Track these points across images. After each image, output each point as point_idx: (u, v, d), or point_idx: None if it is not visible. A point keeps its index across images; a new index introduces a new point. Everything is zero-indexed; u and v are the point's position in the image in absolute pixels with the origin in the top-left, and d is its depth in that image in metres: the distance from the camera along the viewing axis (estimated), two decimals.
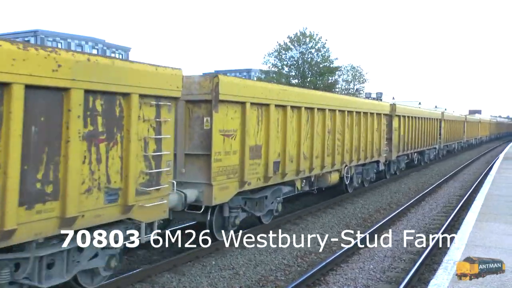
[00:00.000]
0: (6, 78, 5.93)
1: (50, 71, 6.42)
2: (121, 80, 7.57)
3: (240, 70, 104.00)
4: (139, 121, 8.04)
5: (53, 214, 6.63)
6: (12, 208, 5.98)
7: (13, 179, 5.97)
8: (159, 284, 9.09)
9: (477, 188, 20.64)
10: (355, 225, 15.08)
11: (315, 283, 9.62)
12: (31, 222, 6.33)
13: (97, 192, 7.34)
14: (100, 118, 7.35)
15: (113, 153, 7.61)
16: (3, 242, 6.05)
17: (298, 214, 15.34)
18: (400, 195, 20.95)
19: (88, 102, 7.10)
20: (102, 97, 7.36)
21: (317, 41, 55.43)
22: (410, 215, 16.74)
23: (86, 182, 7.14)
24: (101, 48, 78.30)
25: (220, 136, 10.81)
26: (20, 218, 6.13)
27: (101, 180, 7.41)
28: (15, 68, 6.00)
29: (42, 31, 71.99)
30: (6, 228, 5.94)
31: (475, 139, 63.76)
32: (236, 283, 9.46)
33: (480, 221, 12.00)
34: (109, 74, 7.35)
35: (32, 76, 6.19)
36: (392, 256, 11.69)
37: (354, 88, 67.48)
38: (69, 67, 6.64)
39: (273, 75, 55.11)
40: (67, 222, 6.80)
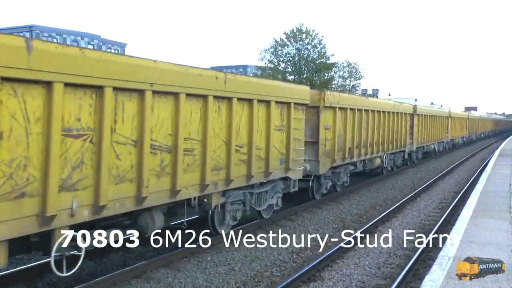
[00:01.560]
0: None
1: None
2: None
3: (236, 66, 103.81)
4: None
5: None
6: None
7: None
8: (155, 279, 9.09)
9: (473, 185, 20.69)
10: (351, 221, 15.11)
11: (311, 279, 9.63)
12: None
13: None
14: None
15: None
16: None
17: (294, 210, 15.35)
18: (395, 192, 20.99)
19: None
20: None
21: (314, 38, 55.34)
22: (405, 212, 16.78)
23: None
24: (96, 44, 77.99)
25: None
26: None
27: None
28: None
29: (38, 26, 71.65)
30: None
31: (475, 134, 66.69)
32: (231, 279, 9.47)
33: (475, 218, 12.04)
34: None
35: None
36: (387, 252, 11.71)
37: (351, 85, 67.53)
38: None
39: (269, 72, 55.00)
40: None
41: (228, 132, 10.78)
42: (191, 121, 9.61)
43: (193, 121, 9.68)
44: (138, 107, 8.23)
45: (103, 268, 9.75)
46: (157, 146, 8.66)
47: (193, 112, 9.67)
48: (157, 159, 8.71)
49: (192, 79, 9.44)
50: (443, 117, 40.92)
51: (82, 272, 9.33)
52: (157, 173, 8.73)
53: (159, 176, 8.79)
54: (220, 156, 10.63)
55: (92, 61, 7.32)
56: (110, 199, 7.73)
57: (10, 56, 6.20)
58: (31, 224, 6.68)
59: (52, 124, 6.74)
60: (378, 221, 14.57)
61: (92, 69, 7.24)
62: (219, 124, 10.52)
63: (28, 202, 6.57)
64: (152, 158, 8.55)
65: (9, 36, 6.32)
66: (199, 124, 9.84)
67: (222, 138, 10.66)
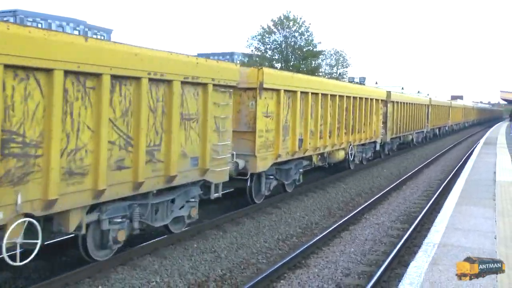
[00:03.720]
0: None
1: None
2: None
3: (223, 54, 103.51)
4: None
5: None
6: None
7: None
8: (141, 267, 9.05)
9: (458, 172, 20.86)
10: (337, 208, 15.17)
11: (296, 266, 9.67)
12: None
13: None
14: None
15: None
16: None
17: (280, 197, 15.37)
18: (381, 180, 21.10)
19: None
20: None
21: (301, 25, 55.35)
22: (391, 199, 16.89)
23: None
24: (82, 30, 77.20)
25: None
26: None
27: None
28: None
29: (22, 11, 70.76)
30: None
31: (457, 124, 64.95)
32: (217, 266, 9.47)
33: (460, 205, 12.14)
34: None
35: None
36: (373, 240, 11.78)
37: (338, 73, 67.64)
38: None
39: (256, 59, 54.89)
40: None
41: (96, 123, 7.78)
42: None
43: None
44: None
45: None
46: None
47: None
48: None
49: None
50: (423, 105, 38.25)
51: (67, 260, 9.28)
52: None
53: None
54: (84, 157, 7.65)
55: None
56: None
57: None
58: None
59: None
60: (364, 208, 14.64)
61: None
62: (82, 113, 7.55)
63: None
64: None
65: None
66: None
67: (89, 132, 7.72)
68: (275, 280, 8.89)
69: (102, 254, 8.76)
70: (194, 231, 11.19)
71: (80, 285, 8.10)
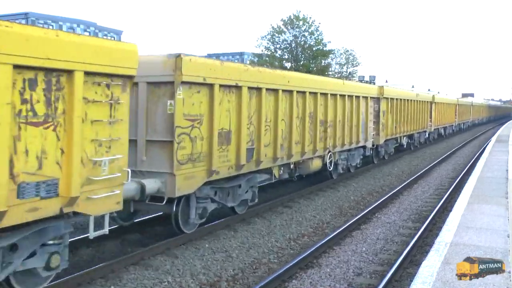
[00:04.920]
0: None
1: None
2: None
3: (233, 54, 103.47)
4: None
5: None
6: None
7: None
8: (153, 267, 9.10)
9: (470, 170, 20.73)
10: (348, 207, 15.13)
11: (308, 266, 9.66)
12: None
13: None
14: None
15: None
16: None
17: (291, 197, 15.36)
18: (392, 178, 21.03)
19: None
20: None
21: (311, 24, 55.08)
22: (402, 198, 16.82)
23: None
24: (92, 31, 77.63)
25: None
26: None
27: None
28: None
29: (33, 13, 71.31)
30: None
31: (465, 123, 61.86)
32: (229, 266, 9.49)
33: (472, 203, 12.06)
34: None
35: None
36: (384, 239, 11.75)
37: (348, 72, 67.34)
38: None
39: (266, 58, 54.82)
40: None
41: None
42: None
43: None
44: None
45: (101, 256, 9.75)
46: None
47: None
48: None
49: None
50: (425, 102, 34.32)
51: (80, 260, 9.35)
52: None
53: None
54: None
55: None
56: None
57: None
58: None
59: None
60: (375, 207, 14.60)
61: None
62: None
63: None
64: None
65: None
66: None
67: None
68: (287, 280, 8.88)
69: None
70: (205, 231, 11.22)
71: (93, 285, 8.16)
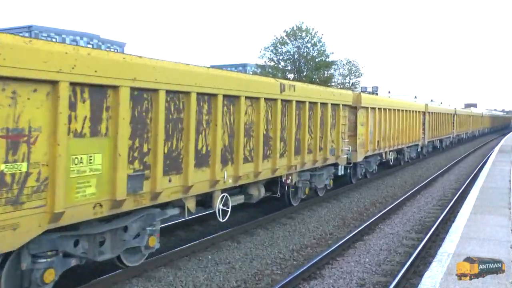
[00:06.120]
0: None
1: None
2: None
3: (235, 65, 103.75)
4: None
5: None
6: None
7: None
8: (156, 278, 9.11)
9: (472, 181, 20.71)
10: (351, 218, 15.12)
11: (311, 277, 9.66)
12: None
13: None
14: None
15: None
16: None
17: (294, 208, 15.36)
18: (395, 189, 21.02)
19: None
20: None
21: (313, 36, 55.38)
22: (405, 209, 16.81)
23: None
24: (96, 44, 78.00)
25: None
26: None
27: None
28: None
29: (37, 26, 71.69)
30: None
31: (466, 133, 59.46)
32: (232, 277, 9.49)
33: (475, 214, 12.06)
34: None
35: None
36: (387, 250, 11.74)
37: (350, 82, 67.50)
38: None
39: (269, 70, 55.02)
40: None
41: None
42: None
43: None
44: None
45: (104, 268, 9.76)
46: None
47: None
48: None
49: None
50: (416, 112, 30.08)
51: (82, 273, 9.36)
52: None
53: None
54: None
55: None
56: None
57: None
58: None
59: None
60: (378, 218, 14.59)
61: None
62: None
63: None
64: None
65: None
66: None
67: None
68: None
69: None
70: (208, 242, 11.24)
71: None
